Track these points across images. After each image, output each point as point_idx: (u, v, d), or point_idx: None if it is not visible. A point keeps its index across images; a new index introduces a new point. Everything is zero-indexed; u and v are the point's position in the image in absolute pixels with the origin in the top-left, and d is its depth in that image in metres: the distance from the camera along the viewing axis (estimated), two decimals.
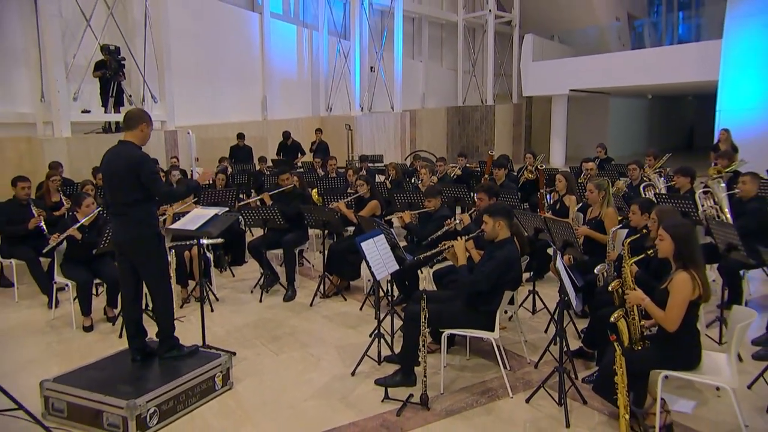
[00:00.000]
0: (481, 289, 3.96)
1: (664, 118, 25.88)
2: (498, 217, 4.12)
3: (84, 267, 5.70)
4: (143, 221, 4.12)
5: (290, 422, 3.81)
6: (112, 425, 3.66)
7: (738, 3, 12.25)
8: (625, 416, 3.21)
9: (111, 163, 4.10)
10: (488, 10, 19.85)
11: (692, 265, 3.27)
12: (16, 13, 10.20)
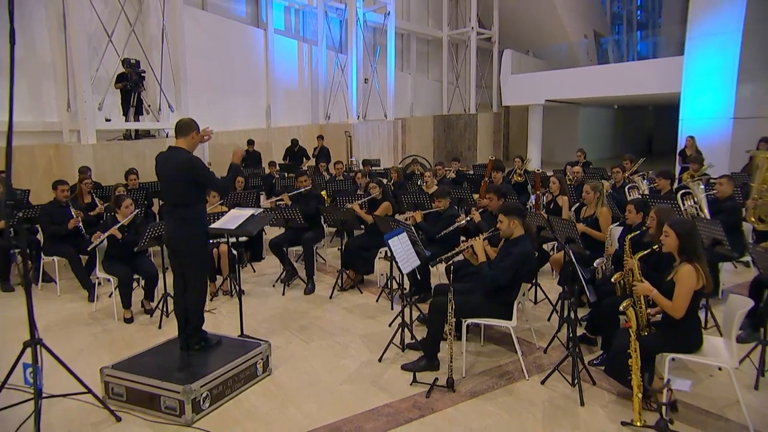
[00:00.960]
0: (502, 283, 4.00)
1: (626, 126, 26.17)
2: (512, 216, 4.17)
3: (124, 263, 5.68)
4: (193, 220, 4.13)
5: (330, 404, 3.82)
6: (169, 408, 3.67)
7: (697, 24, 12.40)
8: (638, 395, 3.28)
9: (164, 167, 4.11)
10: (470, 28, 19.97)
11: (695, 258, 3.36)
12: (46, 31, 10.10)
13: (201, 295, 4.27)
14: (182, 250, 4.14)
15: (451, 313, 3.81)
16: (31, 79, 10.12)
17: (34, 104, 10.24)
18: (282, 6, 15.66)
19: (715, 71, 11.94)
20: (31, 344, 3.33)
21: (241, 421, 3.63)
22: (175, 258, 4.22)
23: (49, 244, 6.48)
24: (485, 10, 20.37)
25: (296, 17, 16.29)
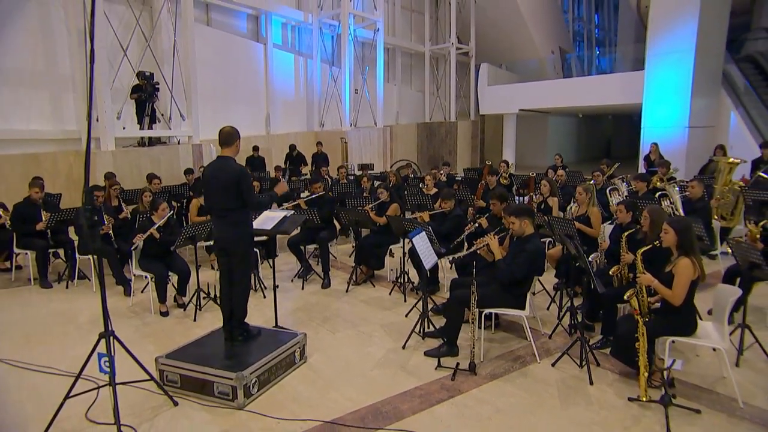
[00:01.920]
0: (518, 277, 4.11)
1: (589, 132, 26.57)
2: (524, 216, 4.29)
3: (159, 261, 5.68)
4: (241, 223, 4.17)
5: (366, 387, 3.89)
6: (222, 393, 3.71)
7: (656, 43, 12.66)
8: (644, 374, 3.44)
9: (216, 175, 4.12)
10: (450, 43, 20.05)
11: (692, 252, 3.52)
12: (66, 46, 9.92)
13: (246, 291, 4.32)
14: (231, 250, 4.17)
15: (475, 304, 3.92)
16: (52, 91, 9.93)
17: (55, 114, 10.05)
18: (280, 22, 15.57)
19: (672, 85, 12.21)
20: (105, 336, 3.35)
21: (288, 404, 3.68)
22: (224, 257, 4.23)
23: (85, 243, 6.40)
24: (463, 27, 20.50)
25: (293, 33, 16.20)
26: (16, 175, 9.07)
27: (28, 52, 9.49)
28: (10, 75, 9.31)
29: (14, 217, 6.53)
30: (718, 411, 3.45)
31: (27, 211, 6.55)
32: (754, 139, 11.01)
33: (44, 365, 4.32)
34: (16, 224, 6.51)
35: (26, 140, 9.58)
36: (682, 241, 3.52)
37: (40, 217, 6.52)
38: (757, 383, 3.83)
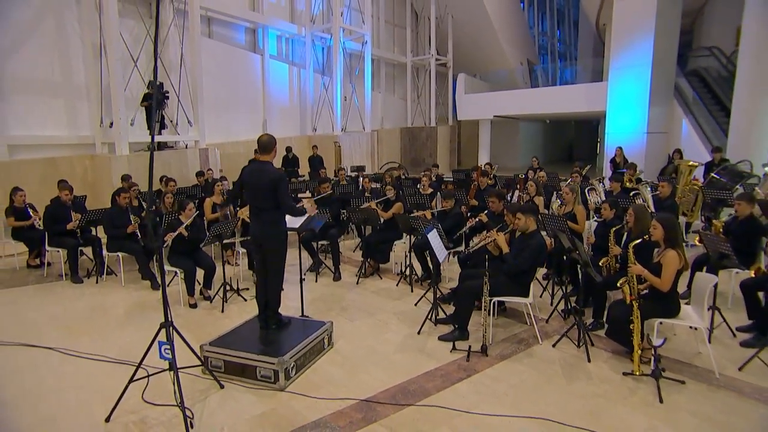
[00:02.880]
0: (524, 269, 4.28)
1: (554, 136, 27.04)
2: (528, 214, 4.45)
3: (187, 257, 5.70)
4: (276, 221, 4.22)
5: (391, 369, 3.99)
6: (265, 377, 3.79)
7: (618, 57, 12.94)
8: (638, 351, 3.65)
9: (255, 178, 4.15)
10: (430, 55, 20.27)
11: (677, 244, 3.73)
12: (81, 59, 9.80)
13: (280, 283, 4.38)
14: (267, 246, 4.23)
15: (487, 293, 4.08)
16: (67, 99, 9.80)
17: (70, 121, 9.91)
18: (275, 35, 15.52)
19: (633, 95, 12.53)
20: (165, 326, 3.41)
21: (323, 385, 3.77)
22: (260, 252, 4.28)
23: (112, 242, 6.39)
24: (441, 40, 20.71)
25: (287, 45, 16.16)
26: (36, 178, 8.96)
27: (45, 64, 9.35)
28: (28, 85, 9.16)
29: (46, 217, 6.48)
30: (699, 381, 3.69)
31: (58, 211, 6.51)
32: (703, 144, 11.42)
33: (93, 353, 4.34)
34: (48, 224, 6.46)
35: (44, 145, 9.44)
36: (669, 235, 3.74)
37: (70, 218, 6.48)
38: (726, 357, 4.08)
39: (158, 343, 3.42)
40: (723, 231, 5.15)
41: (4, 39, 8.77)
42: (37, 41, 9.19)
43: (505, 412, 3.33)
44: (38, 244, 6.86)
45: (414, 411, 3.39)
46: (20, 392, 3.73)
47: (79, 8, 9.63)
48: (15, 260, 7.03)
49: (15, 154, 8.99)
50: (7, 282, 6.37)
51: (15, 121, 9.02)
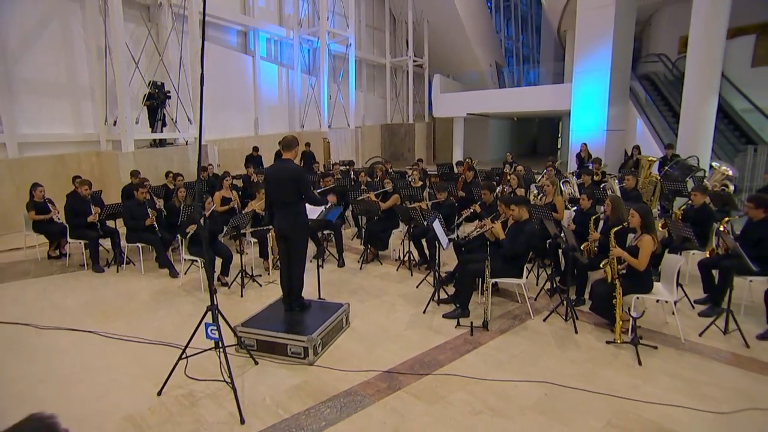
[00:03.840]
0: (519, 253, 4.53)
1: (520, 133, 27.52)
2: (521, 205, 4.68)
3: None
4: (298, 213, 4.29)
5: (405, 344, 4.17)
6: (295, 353, 3.94)
7: (581, 62, 13.19)
8: (620, 323, 3.96)
9: (278, 174, 4.23)
10: (407, 56, 20.39)
11: (651, 230, 4.04)
12: (86, 61, 9.57)
13: (302, 269, 4.46)
14: (291, 236, 4.31)
15: (489, 275, 4.32)
16: (73, 99, 9.57)
17: (75, 119, 9.69)
18: (265, 38, 15.34)
19: (594, 96, 12.89)
20: (211, 309, 3.51)
21: (347, 360, 3.94)
22: (285, 242, 4.36)
23: (132, 233, 6.39)
24: (418, 43, 20.82)
25: (276, 46, 15.99)
26: (47, 174, 8.77)
27: (52, 66, 9.11)
28: (36, 86, 8.93)
29: (68, 211, 6.42)
30: (669, 346, 4.03)
31: (78, 205, 6.45)
32: (655, 141, 11.91)
33: (131, 336, 4.41)
34: (70, 217, 6.40)
35: (52, 143, 9.22)
36: (645, 222, 4.05)
37: (90, 211, 6.43)
38: (689, 325, 4.44)
39: (205, 324, 3.54)
40: (681, 218, 5.53)
41: (14, 43, 8.52)
42: (44, 44, 8.95)
43: (511, 378, 3.59)
44: (58, 236, 6.80)
45: (432, 379, 3.61)
46: (73, 371, 3.80)
47: (83, 13, 9.40)
48: (37, 251, 6.93)
49: (25, 152, 8.77)
50: (34, 272, 6.30)
51: (24, 120, 8.79)
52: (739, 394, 3.37)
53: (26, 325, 4.61)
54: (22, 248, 7.16)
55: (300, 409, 3.27)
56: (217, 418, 3.19)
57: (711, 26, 9.55)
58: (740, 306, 4.65)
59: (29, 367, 3.83)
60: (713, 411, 3.18)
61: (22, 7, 8.61)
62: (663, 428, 2.99)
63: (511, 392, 3.40)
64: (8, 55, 8.44)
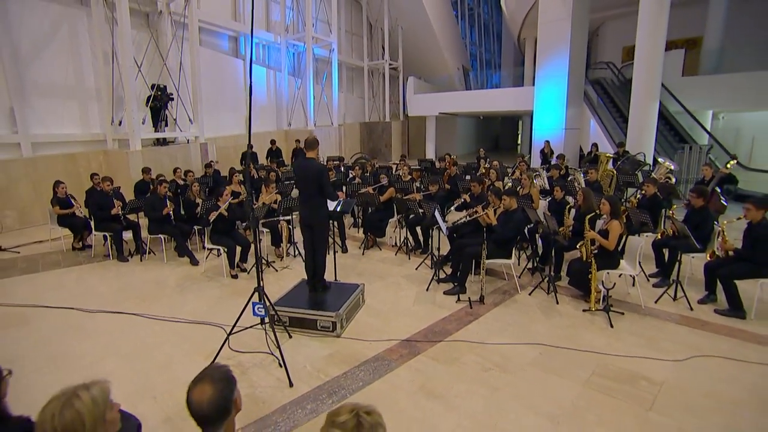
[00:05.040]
0: (509, 237, 4.89)
1: (484, 130, 28.07)
2: (511, 196, 5.02)
3: (227, 236, 5.88)
4: (321, 205, 4.47)
5: (415, 318, 4.45)
6: (324, 327, 4.18)
7: (542, 68, 13.67)
8: (595, 294, 4.39)
9: (303, 170, 4.41)
10: (383, 60, 20.49)
11: (619, 216, 4.48)
12: (91, 64, 9.36)
13: (324, 256, 4.66)
14: (314, 225, 4.50)
15: (485, 257, 4.68)
16: (80, 101, 9.35)
17: (83, 120, 9.48)
18: (254, 42, 15.20)
19: (554, 98, 13.41)
20: (258, 290, 3.72)
21: (368, 332, 4.21)
22: (308, 231, 4.54)
23: (153, 224, 6.45)
24: (393, 47, 20.93)
25: (264, 51, 15.83)
26: (59, 172, 8.63)
27: (60, 70, 8.89)
28: (47, 88, 8.71)
29: (92, 205, 6.43)
30: (632, 312, 4.50)
31: (102, 200, 6.45)
32: (606, 139, 12.58)
33: (171, 317, 4.56)
34: (94, 211, 6.41)
35: (61, 142, 9.02)
36: (614, 209, 4.49)
37: (113, 205, 6.44)
38: (646, 294, 4.92)
39: (252, 303, 3.76)
40: (637, 205, 6.04)
41: (26, 48, 8.28)
42: (53, 50, 8.71)
43: (510, 341, 3.97)
44: (81, 229, 6.76)
45: (444, 345, 3.96)
46: (131, 348, 3.95)
47: (89, 20, 9.16)
48: (62, 243, 6.87)
49: (37, 151, 8.56)
50: (64, 262, 6.28)
51: (36, 121, 8.55)
52: (687, 346, 3.87)
53: (74, 309, 4.69)
54: (44, 241, 7.10)
55: (338, 373, 3.55)
56: (268, 383, 3.44)
57: (653, 40, 10.16)
58: (685, 278, 5.19)
59: (90, 345, 3.96)
60: (670, 359, 3.66)
61: (34, 15, 8.37)
62: (634, 374, 3.45)
63: (511, 353, 3.79)
64: (21, 60, 8.20)
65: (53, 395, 1.49)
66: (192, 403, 1.50)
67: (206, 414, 1.48)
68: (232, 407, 1.55)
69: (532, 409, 3.07)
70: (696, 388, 3.29)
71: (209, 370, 1.60)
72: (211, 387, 1.50)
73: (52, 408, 1.44)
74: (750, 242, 4.37)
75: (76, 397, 1.47)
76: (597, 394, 3.22)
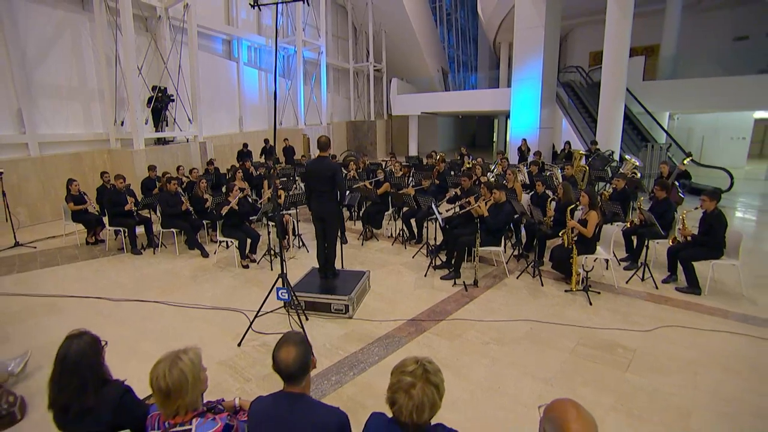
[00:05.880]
0: (500, 227, 5.19)
1: (462, 128, 28.47)
2: (501, 190, 5.30)
3: (237, 229, 6.01)
4: (333, 200, 4.62)
5: (417, 300, 4.70)
6: (337, 310, 4.39)
7: (519, 71, 13.88)
8: (575, 276, 4.75)
9: (317, 168, 4.54)
10: (368, 62, 20.59)
11: (596, 207, 4.82)
12: (94, 67, 9.24)
13: (335, 245, 4.84)
14: (328, 219, 4.67)
15: (478, 245, 4.97)
16: (83, 102, 9.23)
17: (86, 120, 9.36)
18: (247, 45, 15.07)
19: (529, 100, 13.76)
20: (281, 276, 3.92)
21: (377, 313, 4.45)
22: (320, 223, 4.69)
23: (167, 219, 6.51)
24: (377, 50, 21.02)
25: (256, 53, 15.74)
26: (66, 171, 8.57)
27: (64, 72, 8.76)
28: (52, 90, 8.59)
29: (107, 202, 6.45)
30: (608, 291, 4.88)
31: (116, 198, 6.47)
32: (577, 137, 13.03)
33: (193, 303, 4.70)
34: (109, 207, 6.43)
35: (66, 142, 8.91)
36: (592, 201, 4.83)
37: (126, 201, 6.48)
38: (618, 276, 5.29)
39: (276, 288, 3.96)
40: (609, 198, 6.44)
41: (32, 52, 8.15)
42: (58, 53, 8.58)
43: (504, 318, 4.29)
44: (94, 225, 6.78)
45: (446, 323, 4.24)
46: (162, 332, 4.09)
47: (91, 25, 9.04)
48: (76, 238, 6.87)
49: (44, 151, 8.44)
50: (82, 256, 6.30)
51: (42, 122, 8.43)
52: (654, 318, 4.26)
53: (101, 299, 4.78)
54: (57, 236, 7.08)
55: (355, 349, 3.79)
56: None
57: (618, 47, 10.64)
58: (651, 261, 5.59)
59: (123, 330, 4.09)
60: (640, 330, 4.04)
61: (39, 20, 8.25)
62: (612, 343, 3.81)
63: (506, 329, 4.10)
64: (27, 63, 8.06)
65: (159, 358, 1.70)
66: (280, 362, 1.72)
67: (292, 371, 1.71)
68: (311, 365, 1.78)
69: (528, 374, 3.38)
70: (662, 352, 3.67)
71: (289, 335, 1.83)
72: (294, 348, 1.73)
73: (161, 368, 1.65)
74: (705, 228, 4.79)
75: (179, 359, 1.68)
76: (581, 360, 3.56)
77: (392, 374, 1.56)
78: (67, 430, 1.87)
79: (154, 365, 1.68)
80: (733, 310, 4.42)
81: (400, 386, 1.46)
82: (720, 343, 3.81)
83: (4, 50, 7.66)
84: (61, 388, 1.84)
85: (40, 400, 3.05)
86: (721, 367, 3.45)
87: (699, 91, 12.19)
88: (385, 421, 1.59)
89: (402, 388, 1.46)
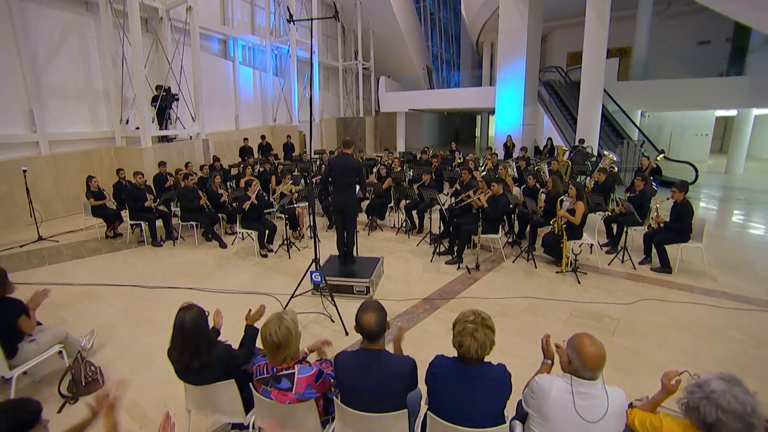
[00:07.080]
0: (498, 217, 5.67)
1: (446, 124, 28.96)
2: (499, 183, 5.78)
3: (256, 222, 6.31)
4: (354, 193, 4.97)
5: (427, 282, 5.13)
6: (359, 291, 4.79)
7: (503, 71, 14.34)
8: (565, 259, 5.29)
9: (341, 164, 4.85)
10: (356, 61, 20.84)
11: (583, 198, 5.35)
12: (100, 68, 9.32)
13: (354, 235, 5.21)
14: (348, 209, 4.99)
15: (480, 233, 5.45)
16: (89, 101, 9.31)
17: (93, 119, 9.45)
18: (242, 45, 15.16)
19: (513, 98, 14.27)
20: (315, 261, 4.30)
21: (393, 294, 4.86)
22: (341, 214, 5.02)
23: (186, 213, 6.77)
24: (365, 49, 21.28)
25: (250, 53, 15.83)
26: (76, 168, 8.70)
27: (71, 73, 8.85)
28: (58, 91, 8.67)
29: (127, 197, 6.66)
30: (594, 272, 5.44)
31: (135, 194, 6.69)
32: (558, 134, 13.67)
33: (223, 289, 5.03)
34: (130, 203, 6.65)
35: (74, 140, 9.01)
36: (579, 192, 5.36)
37: (146, 197, 6.71)
38: (602, 259, 5.86)
39: (310, 272, 4.35)
40: (592, 190, 7.02)
41: (41, 53, 8.24)
42: (65, 54, 8.67)
43: (505, 296, 4.79)
44: (113, 219, 6.99)
45: (456, 301, 4.71)
46: None
47: (97, 26, 9.12)
48: (95, 232, 7.07)
49: (54, 149, 8.54)
50: (105, 248, 6.52)
51: (51, 121, 8.52)
52: (633, 293, 4.83)
53: (137, 286, 5.08)
54: (76, 231, 7.26)
55: None
56: (328, 333, 4.06)
57: (596, 48, 11.27)
58: (629, 245, 6.18)
59: (163, 314, 4.39)
60: (622, 303, 4.60)
61: (47, 22, 8.33)
62: (599, 314, 4.36)
63: (508, 304, 4.61)
64: (37, 64, 8.13)
65: (268, 318, 2.11)
66: (363, 324, 2.14)
67: (373, 332, 2.13)
68: (386, 327, 2.20)
69: (532, 341, 3.89)
70: (640, 320, 4.24)
71: (369, 303, 2.25)
72: (375, 314, 2.15)
73: (272, 326, 2.07)
74: (675, 216, 5.40)
75: (283, 319, 2.10)
76: (575, 328, 4.06)
77: (456, 324, 2.00)
78: (190, 381, 2.27)
79: (264, 324, 2.09)
80: (698, 285, 5.05)
81: (466, 331, 1.91)
82: (687, 312, 4.41)
83: (16, 54, 7.74)
84: (181, 350, 2.23)
85: (108, 373, 3.40)
86: (687, 330, 4.04)
87: (667, 91, 12.99)
88: (449, 359, 2.04)
89: (468, 332, 1.90)
